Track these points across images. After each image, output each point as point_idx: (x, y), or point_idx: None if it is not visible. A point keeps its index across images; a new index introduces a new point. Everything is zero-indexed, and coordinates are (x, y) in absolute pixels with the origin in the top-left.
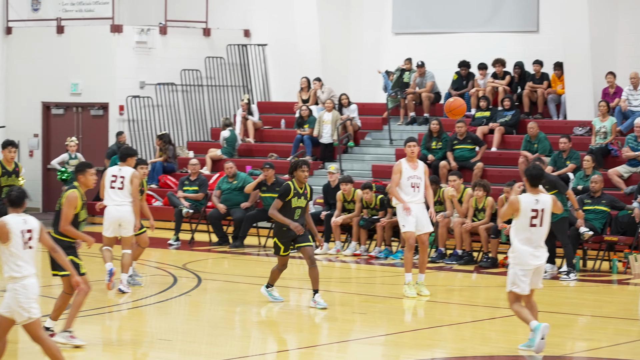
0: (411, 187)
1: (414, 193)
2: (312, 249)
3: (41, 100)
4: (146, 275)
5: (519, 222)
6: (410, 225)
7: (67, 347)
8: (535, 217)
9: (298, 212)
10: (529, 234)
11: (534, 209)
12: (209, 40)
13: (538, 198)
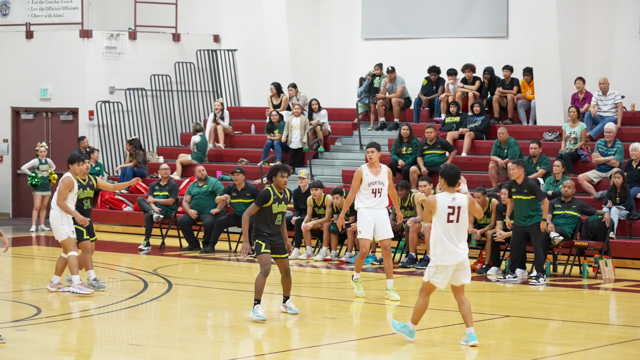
0: (372, 193)
1: (375, 199)
2: (288, 261)
3: (10, 105)
4: (117, 280)
5: (437, 219)
6: (365, 232)
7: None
8: (452, 214)
9: (279, 218)
10: (447, 231)
11: (450, 206)
12: (179, 46)
13: (454, 196)
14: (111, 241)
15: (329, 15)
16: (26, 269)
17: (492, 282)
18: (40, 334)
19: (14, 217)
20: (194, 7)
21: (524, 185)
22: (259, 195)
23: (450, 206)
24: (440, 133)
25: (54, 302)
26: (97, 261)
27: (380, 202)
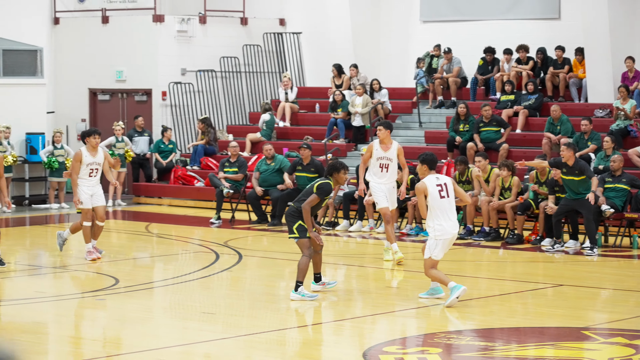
0: (379, 167)
1: (382, 173)
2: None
3: (88, 87)
4: (190, 252)
5: (431, 199)
6: (382, 202)
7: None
8: (442, 191)
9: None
10: (441, 206)
11: (438, 184)
12: (247, 29)
13: (437, 176)
14: (184, 215)
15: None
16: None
17: (545, 253)
18: (119, 303)
19: None
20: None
21: (575, 167)
22: (322, 189)
23: (437, 184)
24: (496, 111)
25: (131, 273)
26: (171, 233)
27: (389, 177)
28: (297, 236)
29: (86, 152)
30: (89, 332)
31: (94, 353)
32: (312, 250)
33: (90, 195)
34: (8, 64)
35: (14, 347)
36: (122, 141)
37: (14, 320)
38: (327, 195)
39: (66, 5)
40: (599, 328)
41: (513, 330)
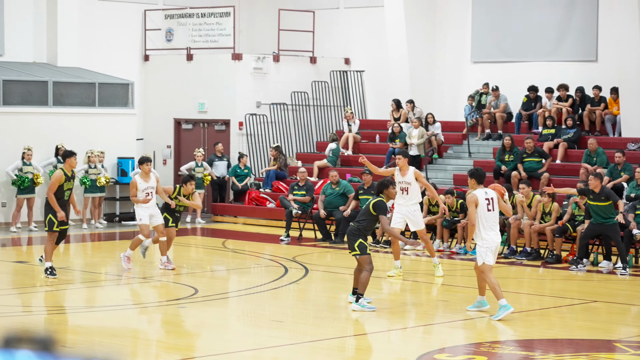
0: (400, 190)
1: (402, 196)
2: None
3: (173, 117)
4: (261, 266)
5: (480, 210)
6: (395, 223)
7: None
8: (489, 204)
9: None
10: (488, 218)
11: (486, 198)
12: (315, 67)
13: (486, 190)
14: (256, 232)
15: (443, 41)
16: (184, 255)
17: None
18: (197, 311)
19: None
20: (328, 34)
21: (601, 194)
22: (382, 207)
23: (486, 198)
24: (538, 143)
25: (209, 284)
26: (245, 249)
27: (409, 199)
28: (358, 253)
29: (140, 179)
30: (171, 336)
31: (175, 355)
32: (372, 266)
33: (149, 215)
34: (103, 96)
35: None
36: (201, 166)
37: (105, 325)
38: (385, 212)
39: (155, 44)
40: (629, 341)
41: (551, 341)
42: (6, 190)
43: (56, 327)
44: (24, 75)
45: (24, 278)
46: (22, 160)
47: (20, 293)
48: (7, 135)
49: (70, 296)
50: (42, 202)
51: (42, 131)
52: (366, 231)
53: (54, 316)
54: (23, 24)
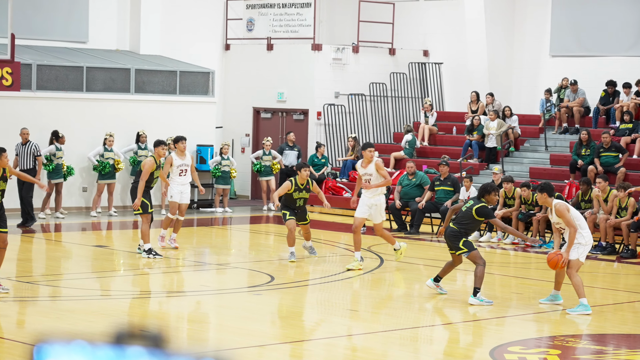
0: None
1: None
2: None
3: (252, 105)
4: (337, 255)
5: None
6: (359, 212)
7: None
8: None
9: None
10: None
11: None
12: (394, 59)
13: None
14: (332, 222)
15: (522, 34)
16: (260, 243)
17: None
18: (273, 298)
19: (252, 199)
20: (407, 26)
21: None
22: (486, 212)
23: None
24: (615, 138)
25: (286, 271)
26: (320, 238)
27: (373, 191)
28: (466, 251)
29: (175, 156)
30: (247, 323)
31: (251, 342)
32: (484, 260)
33: (180, 192)
34: (184, 84)
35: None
36: (270, 154)
37: (182, 311)
38: (492, 215)
39: (236, 33)
40: None
41: (624, 336)
42: (87, 175)
43: (136, 312)
44: (107, 62)
45: (104, 262)
46: (103, 146)
47: (99, 277)
48: (89, 121)
49: (148, 281)
50: (122, 188)
51: (124, 118)
52: (467, 233)
53: (134, 300)
54: (107, 12)
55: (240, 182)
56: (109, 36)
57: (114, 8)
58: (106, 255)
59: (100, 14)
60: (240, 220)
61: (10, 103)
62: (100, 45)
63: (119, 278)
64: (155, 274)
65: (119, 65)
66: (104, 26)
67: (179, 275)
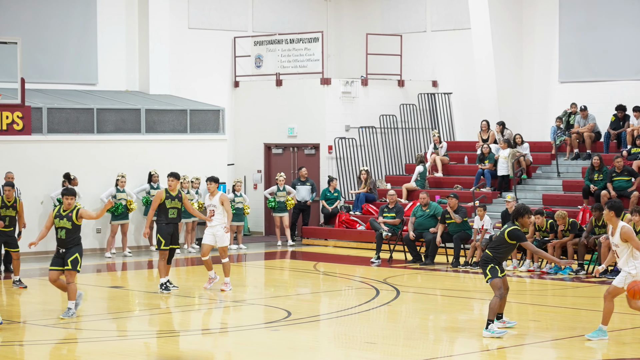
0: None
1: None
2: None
3: (263, 141)
4: (352, 288)
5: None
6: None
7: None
8: None
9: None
10: None
11: None
12: (403, 90)
13: None
14: (347, 255)
15: (530, 62)
16: (276, 278)
17: None
18: (290, 334)
19: (265, 235)
20: (416, 57)
21: None
22: (518, 235)
23: None
24: (627, 162)
25: (301, 306)
26: (335, 271)
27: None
28: (490, 277)
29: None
30: (265, 359)
31: None
32: (502, 291)
33: (212, 234)
34: (194, 122)
35: None
36: (284, 190)
37: (200, 348)
38: (524, 238)
39: (245, 70)
40: None
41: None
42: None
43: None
44: (117, 103)
45: (120, 303)
46: (115, 187)
47: (115, 318)
48: (101, 162)
49: (164, 320)
50: (135, 228)
51: (135, 158)
52: (501, 258)
53: (151, 340)
54: (116, 53)
55: (254, 219)
56: (118, 77)
57: (123, 49)
58: (122, 295)
59: (109, 55)
60: (254, 257)
61: (22, 147)
62: (109, 87)
63: (135, 318)
64: (171, 313)
65: (129, 105)
66: (113, 67)
67: (195, 314)
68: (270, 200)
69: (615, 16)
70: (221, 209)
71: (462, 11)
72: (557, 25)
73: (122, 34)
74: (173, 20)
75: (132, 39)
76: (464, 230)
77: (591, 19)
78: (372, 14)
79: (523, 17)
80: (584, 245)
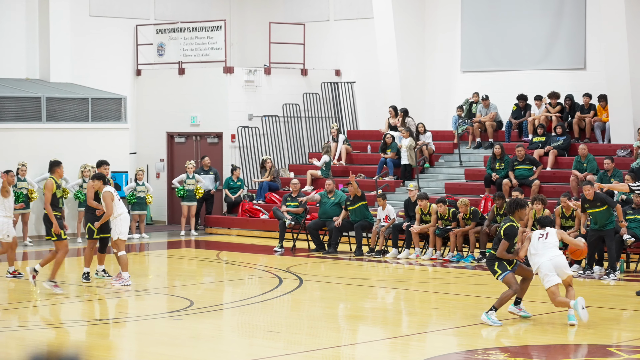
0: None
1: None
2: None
3: (166, 130)
4: (255, 277)
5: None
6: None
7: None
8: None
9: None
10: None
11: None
12: (306, 79)
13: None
14: (250, 244)
15: (432, 51)
16: (179, 267)
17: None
18: (193, 323)
19: (168, 224)
20: (318, 46)
21: (595, 200)
22: (509, 234)
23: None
24: (528, 151)
25: (204, 296)
26: (239, 260)
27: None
28: (500, 273)
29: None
30: (168, 348)
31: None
32: (517, 286)
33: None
34: (96, 111)
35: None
36: (193, 178)
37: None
38: (511, 238)
39: (147, 59)
40: (622, 345)
41: (544, 347)
42: None
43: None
44: (17, 91)
45: (20, 294)
46: (16, 176)
47: (15, 308)
48: (1, 151)
49: (66, 310)
50: (36, 217)
51: (36, 147)
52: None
53: (50, 330)
54: (15, 40)
55: (157, 208)
56: (18, 65)
57: (22, 36)
58: (22, 285)
59: (9, 42)
60: (157, 246)
61: None
62: (9, 74)
63: (36, 308)
64: (73, 302)
65: (30, 94)
66: (12, 55)
67: (97, 303)
68: (179, 188)
69: (516, 7)
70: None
71: (365, 0)
72: (459, 15)
73: (21, 21)
74: (74, 7)
75: (32, 25)
76: (365, 219)
77: (493, 9)
78: (275, 3)
79: (425, 6)
80: (486, 234)
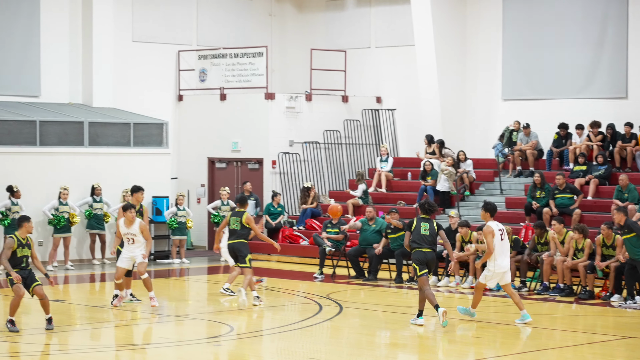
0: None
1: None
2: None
3: (207, 156)
4: (295, 303)
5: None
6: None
7: None
8: (502, 234)
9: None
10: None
11: (499, 229)
12: (347, 106)
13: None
14: (290, 270)
15: (474, 79)
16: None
17: (615, 308)
18: (233, 348)
19: (209, 249)
20: (360, 73)
21: (624, 227)
22: None
23: (499, 229)
24: (569, 180)
25: (244, 322)
26: (279, 287)
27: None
28: None
29: (122, 223)
30: None
31: None
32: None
33: (130, 259)
34: (138, 136)
35: None
36: (227, 204)
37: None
38: None
39: (189, 84)
40: None
41: None
42: (43, 229)
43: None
44: (60, 115)
45: (61, 317)
46: (58, 200)
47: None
48: (43, 175)
49: (106, 335)
50: (77, 241)
51: (78, 171)
52: None
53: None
54: (59, 65)
55: (197, 233)
56: (61, 89)
57: (66, 61)
58: (64, 309)
59: (52, 67)
60: (197, 271)
61: None
62: (52, 99)
63: (77, 332)
64: (113, 327)
65: (72, 118)
66: (56, 80)
67: (137, 328)
68: (214, 214)
69: (558, 36)
70: (141, 237)
71: (406, 28)
72: (501, 43)
73: (65, 46)
74: (117, 32)
75: (75, 50)
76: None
77: (534, 37)
78: (316, 29)
79: (467, 33)
80: (527, 263)
